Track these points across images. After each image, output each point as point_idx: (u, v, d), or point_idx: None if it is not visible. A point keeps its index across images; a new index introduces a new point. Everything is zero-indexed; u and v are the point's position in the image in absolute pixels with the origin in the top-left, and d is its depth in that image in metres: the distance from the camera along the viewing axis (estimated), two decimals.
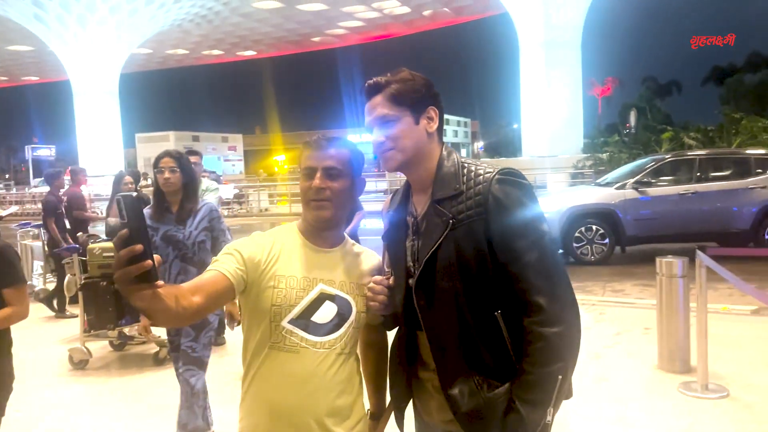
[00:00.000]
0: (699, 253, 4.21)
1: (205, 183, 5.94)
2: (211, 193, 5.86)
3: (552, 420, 1.49)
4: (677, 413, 3.90)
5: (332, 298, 1.68)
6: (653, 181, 9.57)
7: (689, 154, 10.48)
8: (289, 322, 1.63)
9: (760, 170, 9.32)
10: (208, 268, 1.63)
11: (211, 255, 3.35)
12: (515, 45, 28.51)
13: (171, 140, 42.36)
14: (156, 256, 1.29)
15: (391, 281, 1.69)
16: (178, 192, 3.42)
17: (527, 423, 1.46)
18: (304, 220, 1.75)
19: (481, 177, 1.55)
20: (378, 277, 1.72)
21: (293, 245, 1.72)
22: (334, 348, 1.67)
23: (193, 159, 6.05)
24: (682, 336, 4.55)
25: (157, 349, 5.36)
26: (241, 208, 23.56)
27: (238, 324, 2.74)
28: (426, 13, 41.21)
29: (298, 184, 1.74)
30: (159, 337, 5.16)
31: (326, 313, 1.66)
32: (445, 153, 1.64)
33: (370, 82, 1.60)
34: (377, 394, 1.89)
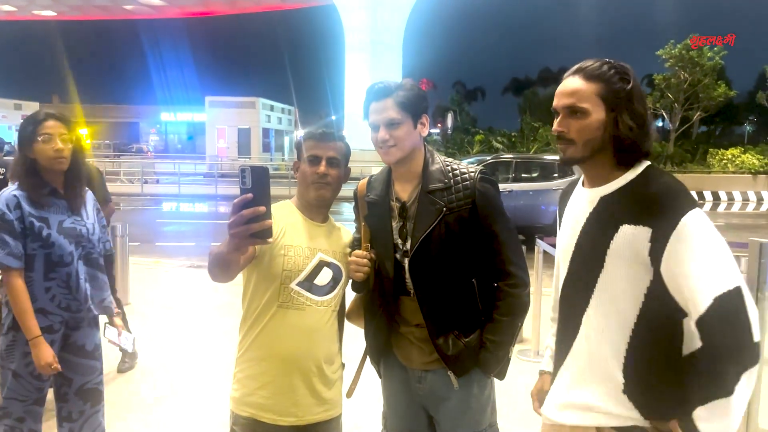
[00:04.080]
0: (538, 240, 5.04)
1: None
2: None
3: (510, 357, 2.01)
4: (517, 373, 4.68)
5: (328, 264, 2.03)
6: None
7: (506, 156, 11.87)
8: (297, 285, 1.96)
9: (559, 174, 10.89)
10: None
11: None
12: (339, 36, 29.39)
13: None
14: None
15: (372, 255, 2.02)
16: (62, 171, 2.55)
17: (497, 357, 1.95)
18: (303, 199, 2.07)
19: (467, 175, 1.96)
20: (360, 252, 2.03)
21: (295, 220, 2.04)
22: (330, 306, 2.03)
23: None
24: None
25: None
26: None
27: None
28: None
29: (109, 161, 2.04)
30: None
31: (324, 277, 2.01)
32: (428, 152, 2.03)
33: (380, 85, 1.93)
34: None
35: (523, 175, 11.08)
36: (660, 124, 38.65)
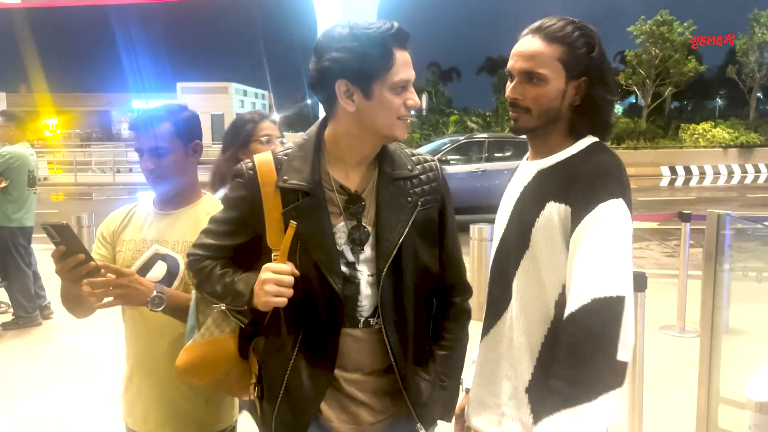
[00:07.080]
0: None
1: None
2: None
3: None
4: None
5: (164, 257, 1.78)
6: (451, 159, 10.79)
7: (479, 136, 11.90)
8: None
9: None
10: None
11: None
12: (311, 20, 29.05)
13: None
14: None
15: (293, 269, 1.36)
16: None
17: (454, 393, 1.56)
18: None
19: (428, 164, 1.51)
20: (278, 265, 1.35)
21: (144, 211, 1.88)
22: None
23: None
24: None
25: None
26: None
27: None
28: None
29: (80, 151, 1.95)
30: None
31: (158, 272, 1.77)
32: None
33: None
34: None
35: (496, 155, 11.12)
36: (633, 100, 38.96)
